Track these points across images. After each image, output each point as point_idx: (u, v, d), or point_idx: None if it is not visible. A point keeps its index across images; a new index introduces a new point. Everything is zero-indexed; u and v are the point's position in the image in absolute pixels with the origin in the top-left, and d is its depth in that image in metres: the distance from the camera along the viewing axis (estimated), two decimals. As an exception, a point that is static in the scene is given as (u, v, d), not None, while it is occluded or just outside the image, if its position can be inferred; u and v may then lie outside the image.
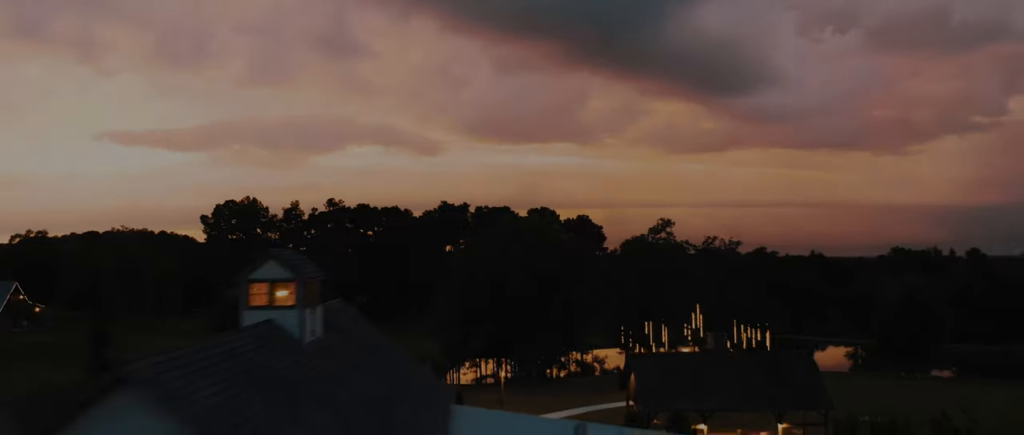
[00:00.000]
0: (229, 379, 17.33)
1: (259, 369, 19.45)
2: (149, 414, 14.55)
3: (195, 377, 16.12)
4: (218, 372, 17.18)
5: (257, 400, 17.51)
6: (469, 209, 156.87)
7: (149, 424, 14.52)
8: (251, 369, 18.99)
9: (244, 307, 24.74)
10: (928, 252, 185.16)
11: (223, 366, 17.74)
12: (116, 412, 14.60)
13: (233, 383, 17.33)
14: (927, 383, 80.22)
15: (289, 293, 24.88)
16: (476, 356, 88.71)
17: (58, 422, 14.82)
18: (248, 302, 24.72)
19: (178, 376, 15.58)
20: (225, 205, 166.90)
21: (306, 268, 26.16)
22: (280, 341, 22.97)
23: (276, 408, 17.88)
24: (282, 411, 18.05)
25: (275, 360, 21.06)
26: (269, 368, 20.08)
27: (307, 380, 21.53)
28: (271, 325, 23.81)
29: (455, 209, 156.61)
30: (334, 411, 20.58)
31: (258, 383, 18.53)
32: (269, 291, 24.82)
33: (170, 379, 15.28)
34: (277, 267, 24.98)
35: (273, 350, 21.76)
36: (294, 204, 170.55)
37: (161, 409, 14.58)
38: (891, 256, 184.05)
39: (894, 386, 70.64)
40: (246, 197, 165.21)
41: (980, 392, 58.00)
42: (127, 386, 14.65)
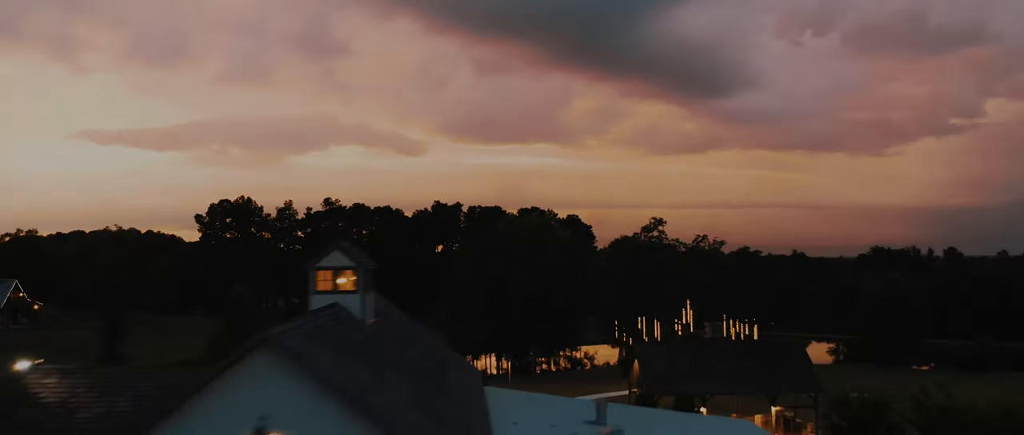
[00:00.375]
0: (330, 346, 20.62)
1: (344, 341, 22.73)
2: (283, 368, 17.87)
3: (308, 343, 19.41)
4: (321, 340, 20.47)
5: (354, 363, 20.80)
6: (462, 209, 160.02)
7: (283, 376, 17.83)
8: (340, 340, 22.26)
9: (312, 291, 27.95)
10: (907, 251, 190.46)
11: (322, 336, 21.02)
12: (258, 367, 17.91)
13: (333, 349, 20.62)
14: (907, 374, 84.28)
15: (351, 280, 28.14)
16: (479, 351, 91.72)
17: (208, 378, 18.11)
18: (315, 287, 27.94)
19: (298, 342, 18.87)
20: (219, 204, 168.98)
21: (364, 259, 29.40)
22: (349, 320, 26.20)
23: (369, 370, 21.18)
24: (372, 373, 21.35)
25: (352, 334, 24.34)
26: (351, 340, 23.36)
27: (378, 351, 24.82)
28: (338, 308, 27.03)
29: (448, 209, 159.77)
30: (405, 377, 23.89)
31: (348, 351, 21.81)
32: (333, 278, 28.06)
33: (294, 343, 18.57)
34: (341, 256, 28.23)
35: (347, 327, 25.03)
36: (288, 203, 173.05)
37: (293, 365, 17.90)
38: (871, 255, 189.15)
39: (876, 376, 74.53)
40: (240, 196, 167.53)
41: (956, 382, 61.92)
42: (266, 347, 17.94)
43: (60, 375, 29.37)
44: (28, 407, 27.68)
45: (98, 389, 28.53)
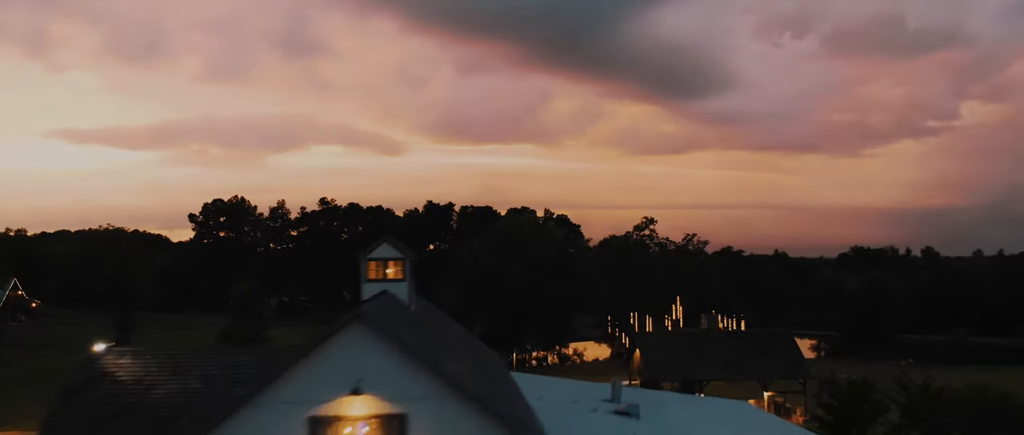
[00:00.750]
0: (400, 323, 23.86)
1: (405, 321, 25.95)
2: (373, 339, 21.12)
3: (388, 319, 22.65)
4: (393, 318, 23.70)
5: (420, 338, 24.05)
6: (454, 208, 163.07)
7: (373, 346, 21.08)
8: (402, 319, 25.49)
9: (364, 280, 31.13)
10: (886, 251, 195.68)
11: (392, 315, 24.24)
12: (352, 339, 21.13)
13: (404, 326, 23.86)
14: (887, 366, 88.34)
15: (398, 269, 31.37)
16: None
17: (310, 348, 21.33)
18: (367, 276, 31.13)
19: (381, 317, 22.11)
20: (212, 204, 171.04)
21: (409, 251, 32.61)
22: (400, 305, 29.41)
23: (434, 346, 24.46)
24: (437, 348, 24.62)
25: (406, 316, 27.56)
26: (410, 321, 26.59)
27: (432, 332, 28.07)
28: (388, 294, 30.23)
29: (440, 208, 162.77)
30: (460, 354, 27.17)
31: (411, 329, 25.04)
32: (383, 267, 31.27)
33: (379, 318, 21.81)
34: (389, 248, 31.45)
35: (401, 311, 28.25)
36: (280, 203, 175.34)
37: (381, 337, 21.16)
38: (851, 255, 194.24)
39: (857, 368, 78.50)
40: (234, 196, 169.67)
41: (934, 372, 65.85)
42: (359, 321, 21.19)
43: (132, 356, 32.41)
44: (107, 384, 30.72)
45: (169, 368, 31.66)
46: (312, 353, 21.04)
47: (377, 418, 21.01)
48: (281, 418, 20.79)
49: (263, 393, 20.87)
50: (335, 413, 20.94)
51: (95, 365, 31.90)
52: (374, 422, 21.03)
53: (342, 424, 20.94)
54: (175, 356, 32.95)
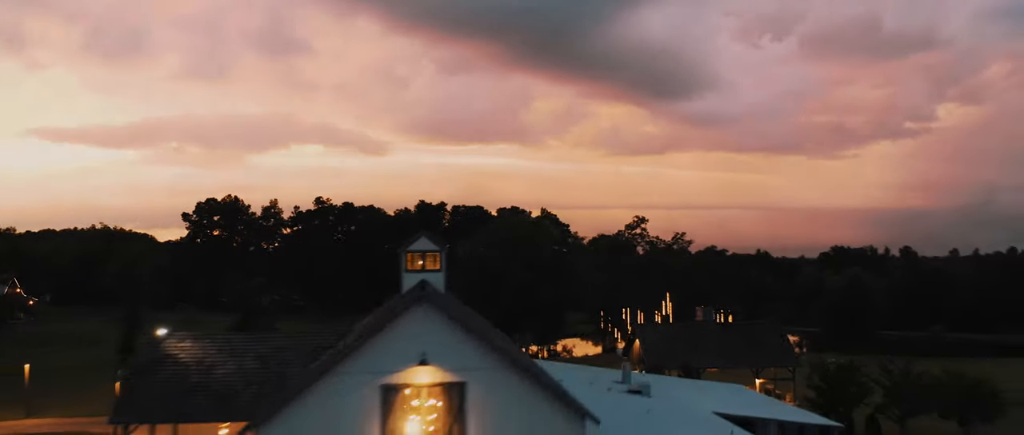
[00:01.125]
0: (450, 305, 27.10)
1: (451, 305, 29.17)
2: (435, 317, 24.38)
3: (442, 301, 25.90)
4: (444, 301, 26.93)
5: (473, 317, 27.32)
6: (446, 208, 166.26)
7: (436, 323, 24.33)
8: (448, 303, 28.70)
9: (404, 270, 34.30)
10: (865, 251, 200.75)
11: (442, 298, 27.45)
12: (417, 316, 24.38)
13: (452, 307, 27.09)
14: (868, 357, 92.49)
15: (435, 260, 34.57)
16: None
17: (380, 324, 24.54)
18: (406, 267, 34.30)
19: (439, 298, 25.36)
20: (206, 202, 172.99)
21: (444, 244, 35.83)
22: (438, 293, 32.64)
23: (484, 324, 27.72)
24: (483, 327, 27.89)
25: (449, 302, 30.77)
26: (453, 305, 29.81)
27: (471, 314, 31.33)
28: (427, 283, 33.44)
29: (433, 208, 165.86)
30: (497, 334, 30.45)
31: (458, 310, 28.28)
32: (422, 259, 34.46)
33: (437, 299, 25.07)
34: (427, 241, 34.64)
35: (443, 298, 31.48)
36: (273, 202, 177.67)
37: (442, 315, 24.44)
38: (832, 254, 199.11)
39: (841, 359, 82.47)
40: (228, 195, 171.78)
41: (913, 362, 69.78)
42: (425, 301, 24.47)
43: (193, 339, 35.53)
44: (171, 365, 33.82)
45: (227, 350, 34.86)
46: (383, 329, 24.24)
47: (440, 386, 24.27)
48: (357, 386, 23.98)
49: (342, 364, 24.03)
50: (404, 381, 24.17)
51: (159, 347, 34.93)
52: (437, 389, 24.28)
53: (411, 391, 24.18)
54: (231, 340, 36.04)
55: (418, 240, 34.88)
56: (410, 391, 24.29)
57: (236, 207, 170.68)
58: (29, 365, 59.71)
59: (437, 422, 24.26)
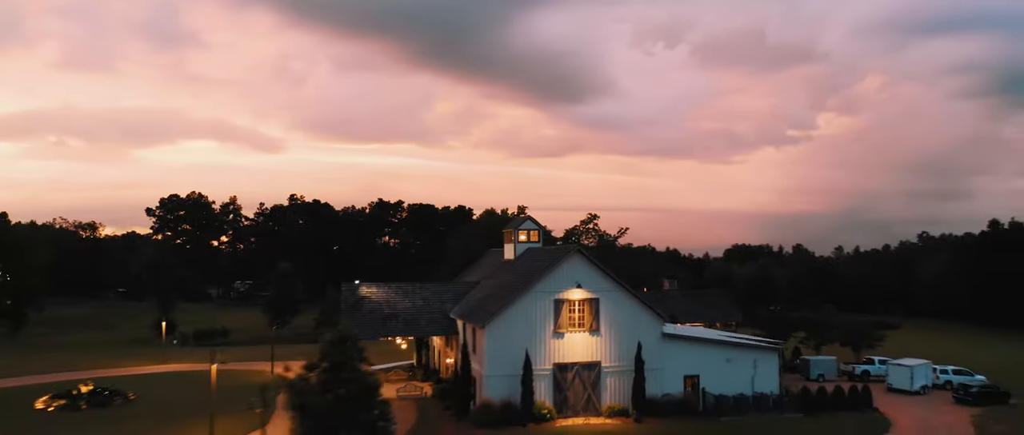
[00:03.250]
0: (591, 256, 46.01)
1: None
2: (583, 262, 43.37)
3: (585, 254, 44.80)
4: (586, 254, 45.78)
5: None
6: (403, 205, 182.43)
7: (584, 266, 43.30)
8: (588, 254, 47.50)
9: (516, 242, 53.05)
10: (763, 248, 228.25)
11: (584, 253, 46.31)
12: (572, 262, 43.31)
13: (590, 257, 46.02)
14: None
15: (536, 235, 53.48)
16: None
17: (546, 265, 43.32)
18: (519, 239, 53.05)
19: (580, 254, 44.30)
20: (169, 199, 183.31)
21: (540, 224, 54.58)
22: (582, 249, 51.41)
23: (593, 269, 46.83)
24: (593, 271, 46.97)
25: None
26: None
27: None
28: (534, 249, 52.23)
29: (390, 205, 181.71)
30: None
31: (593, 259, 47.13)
32: (527, 234, 53.27)
33: (584, 253, 44.02)
34: (531, 222, 53.59)
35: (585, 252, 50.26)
36: (232, 199, 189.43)
37: (587, 261, 43.46)
38: (734, 250, 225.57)
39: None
40: (192, 192, 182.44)
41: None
42: (577, 252, 43.44)
43: (377, 286, 53.15)
44: (368, 304, 51.37)
45: (400, 294, 52.77)
46: (553, 268, 42.97)
47: (587, 300, 43.20)
48: (540, 298, 42.72)
49: (532, 287, 42.65)
50: (566, 297, 43.02)
51: (354, 293, 52.41)
52: (584, 302, 43.20)
53: (570, 303, 43.02)
54: (403, 287, 53.87)
55: (525, 222, 53.86)
56: (568, 303, 43.13)
57: (201, 204, 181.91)
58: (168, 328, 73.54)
59: (585, 319, 43.20)
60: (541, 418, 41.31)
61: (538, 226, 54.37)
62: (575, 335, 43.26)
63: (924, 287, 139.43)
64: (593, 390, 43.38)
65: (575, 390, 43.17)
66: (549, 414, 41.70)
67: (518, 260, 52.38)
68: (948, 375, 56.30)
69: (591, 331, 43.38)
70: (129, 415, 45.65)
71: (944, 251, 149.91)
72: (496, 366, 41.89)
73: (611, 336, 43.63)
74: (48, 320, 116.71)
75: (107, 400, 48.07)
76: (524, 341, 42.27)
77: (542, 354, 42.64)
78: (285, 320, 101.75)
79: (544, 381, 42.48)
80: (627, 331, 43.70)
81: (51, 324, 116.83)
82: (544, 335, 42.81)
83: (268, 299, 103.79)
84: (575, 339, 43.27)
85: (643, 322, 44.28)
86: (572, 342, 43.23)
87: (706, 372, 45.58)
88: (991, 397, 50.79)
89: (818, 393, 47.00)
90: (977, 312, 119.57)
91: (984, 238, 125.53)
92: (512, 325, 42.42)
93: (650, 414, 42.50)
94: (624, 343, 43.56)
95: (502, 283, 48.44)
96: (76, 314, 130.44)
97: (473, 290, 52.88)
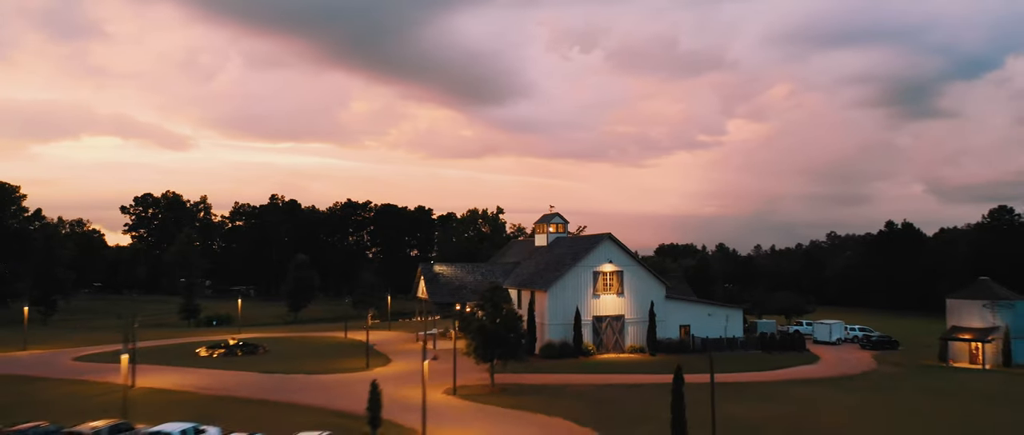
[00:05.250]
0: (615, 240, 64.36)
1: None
2: (612, 242, 61.83)
3: (611, 238, 63.16)
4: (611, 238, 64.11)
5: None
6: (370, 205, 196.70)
7: (613, 244, 61.78)
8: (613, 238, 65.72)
9: (548, 233, 71.03)
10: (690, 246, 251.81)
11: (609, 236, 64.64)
12: (605, 245, 61.70)
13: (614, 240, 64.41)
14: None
15: (562, 227, 71.60)
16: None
17: (585, 249, 61.63)
18: (549, 231, 71.03)
19: (610, 240, 62.69)
20: (144, 197, 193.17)
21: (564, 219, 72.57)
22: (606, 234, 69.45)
23: (614, 251, 65.34)
24: (613, 253, 65.48)
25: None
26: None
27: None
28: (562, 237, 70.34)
29: (359, 205, 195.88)
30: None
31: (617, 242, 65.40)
32: (555, 226, 71.29)
33: (610, 237, 62.42)
34: (558, 218, 71.73)
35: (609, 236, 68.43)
36: (203, 198, 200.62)
37: (614, 242, 61.93)
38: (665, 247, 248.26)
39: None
40: (168, 191, 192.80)
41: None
42: (604, 241, 61.84)
43: (446, 265, 70.50)
44: (442, 279, 68.63)
45: (466, 271, 70.23)
46: (594, 249, 61.15)
47: (615, 272, 61.57)
48: (583, 271, 60.98)
49: (577, 263, 60.76)
50: (602, 270, 61.35)
51: (430, 271, 69.55)
52: (614, 274, 61.53)
53: (603, 274, 61.31)
54: (466, 265, 71.17)
55: (554, 217, 71.93)
56: (602, 275, 61.41)
57: (178, 202, 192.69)
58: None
59: (614, 285, 61.55)
60: (586, 353, 59.48)
61: (564, 221, 72.62)
62: (607, 296, 61.58)
63: (833, 279, 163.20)
64: (619, 335, 61.82)
65: (607, 334, 61.53)
66: (591, 351, 59.92)
67: (550, 246, 70.39)
68: (855, 331, 77.02)
69: (618, 294, 61.77)
70: (271, 359, 61.38)
71: (849, 248, 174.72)
72: (554, 317, 59.85)
73: (631, 297, 62.14)
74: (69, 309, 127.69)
75: (253, 349, 63.90)
76: (574, 300, 60.38)
77: (585, 309, 60.81)
78: (302, 305, 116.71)
79: (587, 328, 60.69)
80: (642, 294, 62.25)
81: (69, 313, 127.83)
82: (586, 296, 61.00)
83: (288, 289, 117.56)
84: (607, 299, 61.59)
85: (653, 288, 62.96)
86: (605, 301, 61.54)
87: (694, 323, 64.61)
88: (885, 344, 71.48)
89: (770, 338, 66.62)
90: (877, 299, 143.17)
91: (882, 236, 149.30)
92: (564, 289, 60.44)
93: (658, 351, 61.02)
94: (640, 302, 62.11)
95: (547, 261, 66.41)
96: (88, 306, 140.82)
97: (517, 268, 70.64)
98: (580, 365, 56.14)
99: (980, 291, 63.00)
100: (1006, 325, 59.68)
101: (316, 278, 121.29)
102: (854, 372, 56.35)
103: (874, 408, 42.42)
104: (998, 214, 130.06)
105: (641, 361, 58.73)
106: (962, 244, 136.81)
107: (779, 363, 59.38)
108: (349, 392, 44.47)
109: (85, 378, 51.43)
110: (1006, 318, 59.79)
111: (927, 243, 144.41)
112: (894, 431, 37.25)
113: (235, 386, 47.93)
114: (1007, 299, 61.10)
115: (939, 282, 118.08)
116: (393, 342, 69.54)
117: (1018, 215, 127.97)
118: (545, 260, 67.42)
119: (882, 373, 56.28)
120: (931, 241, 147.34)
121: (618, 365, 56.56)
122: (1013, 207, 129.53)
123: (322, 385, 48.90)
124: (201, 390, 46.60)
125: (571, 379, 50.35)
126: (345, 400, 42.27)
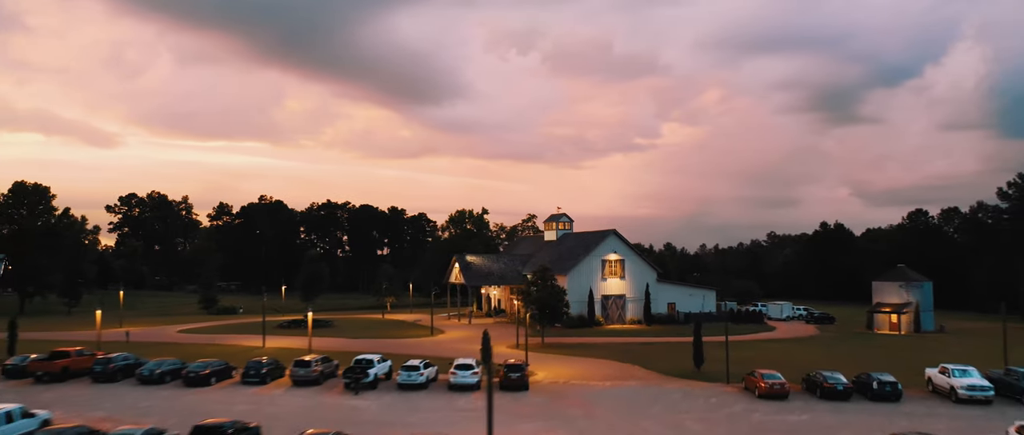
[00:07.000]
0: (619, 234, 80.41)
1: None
2: (617, 236, 77.96)
3: (616, 234, 79.21)
4: (616, 234, 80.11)
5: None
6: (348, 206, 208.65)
7: (616, 238, 77.89)
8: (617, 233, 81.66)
9: (558, 230, 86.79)
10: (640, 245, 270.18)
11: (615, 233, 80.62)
12: (611, 236, 77.78)
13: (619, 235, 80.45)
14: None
15: (567, 225, 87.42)
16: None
17: (594, 242, 77.64)
18: (559, 227, 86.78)
19: (615, 235, 78.76)
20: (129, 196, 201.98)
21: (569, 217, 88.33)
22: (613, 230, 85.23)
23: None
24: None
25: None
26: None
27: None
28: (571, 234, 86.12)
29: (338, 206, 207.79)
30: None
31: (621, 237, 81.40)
32: (562, 223, 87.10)
33: (615, 233, 78.47)
34: (565, 217, 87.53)
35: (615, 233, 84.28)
36: (184, 197, 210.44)
37: (617, 236, 78.08)
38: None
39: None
40: (154, 191, 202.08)
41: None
42: (613, 233, 77.91)
43: (477, 255, 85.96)
44: (475, 268, 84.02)
45: (492, 260, 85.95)
46: (603, 241, 77.10)
47: (618, 260, 77.62)
48: (595, 259, 76.93)
49: (590, 253, 76.60)
50: (608, 258, 77.34)
51: (464, 262, 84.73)
52: (618, 261, 77.56)
53: (609, 262, 77.29)
54: (490, 256, 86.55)
55: (561, 216, 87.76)
56: (608, 262, 77.37)
57: (165, 201, 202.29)
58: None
59: (617, 270, 77.57)
60: (598, 324, 75.39)
61: (569, 219, 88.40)
62: (612, 280, 77.54)
63: (774, 274, 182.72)
64: (622, 310, 77.88)
65: (612, 310, 77.52)
66: (601, 322, 75.87)
67: (560, 240, 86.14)
68: (800, 310, 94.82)
69: (620, 277, 77.79)
70: (341, 330, 75.43)
71: (788, 246, 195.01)
72: (573, 296, 75.35)
73: (631, 280, 78.21)
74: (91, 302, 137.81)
75: (327, 323, 78.01)
76: (587, 283, 76.22)
77: (596, 290, 76.67)
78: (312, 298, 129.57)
79: (598, 304, 76.54)
80: (640, 278, 78.40)
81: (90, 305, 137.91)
82: (596, 279, 76.85)
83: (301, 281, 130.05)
84: (612, 282, 77.55)
85: (647, 273, 79.19)
86: (611, 283, 77.49)
87: (679, 301, 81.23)
88: (825, 319, 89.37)
89: (737, 313, 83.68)
90: (812, 289, 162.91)
91: (817, 236, 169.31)
92: (580, 273, 76.23)
93: (653, 322, 77.29)
94: (638, 284, 78.25)
95: (560, 252, 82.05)
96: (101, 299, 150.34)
97: (532, 258, 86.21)
98: (595, 332, 71.90)
99: (898, 275, 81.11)
100: (917, 301, 77.81)
101: (326, 270, 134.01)
102: (804, 336, 73.50)
103: (827, 354, 59.32)
104: (915, 216, 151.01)
105: (641, 329, 74.75)
106: (884, 242, 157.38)
107: (747, 331, 76.26)
108: (442, 348, 59.36)
109: (218, 342, 65.29)
110: (916, 296, 77.90)
111: (856, 242, 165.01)
112: (849, 362, 53.88)
113: (358, 346, 61.28)
114: (917, 281, 79.24)
115: (865, 275, 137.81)
116: (426, 321, 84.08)
117: (932, 218, 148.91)
118: (559, 251, 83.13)
119: (826, 337, 73.56)
120: (859, 240, 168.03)
121: (624, 332, 72.50)
122: (928, 210, 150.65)
123: (420, 345, 62.83)
124: (329, 350, 60.12)
125: (596, 340, 65.94)
126: (448, 353, 56.97)
